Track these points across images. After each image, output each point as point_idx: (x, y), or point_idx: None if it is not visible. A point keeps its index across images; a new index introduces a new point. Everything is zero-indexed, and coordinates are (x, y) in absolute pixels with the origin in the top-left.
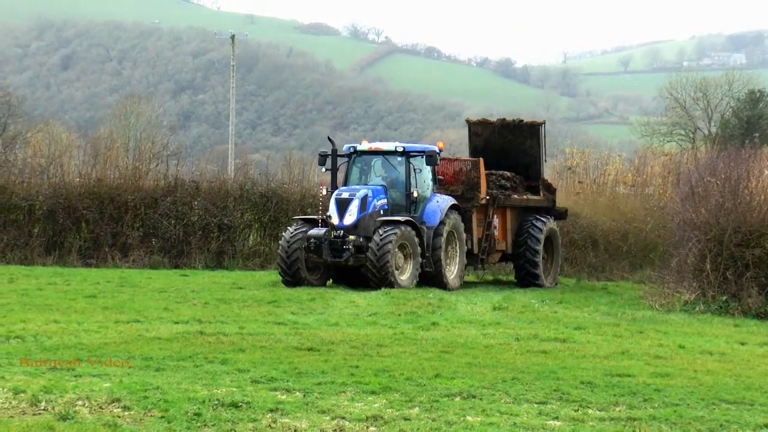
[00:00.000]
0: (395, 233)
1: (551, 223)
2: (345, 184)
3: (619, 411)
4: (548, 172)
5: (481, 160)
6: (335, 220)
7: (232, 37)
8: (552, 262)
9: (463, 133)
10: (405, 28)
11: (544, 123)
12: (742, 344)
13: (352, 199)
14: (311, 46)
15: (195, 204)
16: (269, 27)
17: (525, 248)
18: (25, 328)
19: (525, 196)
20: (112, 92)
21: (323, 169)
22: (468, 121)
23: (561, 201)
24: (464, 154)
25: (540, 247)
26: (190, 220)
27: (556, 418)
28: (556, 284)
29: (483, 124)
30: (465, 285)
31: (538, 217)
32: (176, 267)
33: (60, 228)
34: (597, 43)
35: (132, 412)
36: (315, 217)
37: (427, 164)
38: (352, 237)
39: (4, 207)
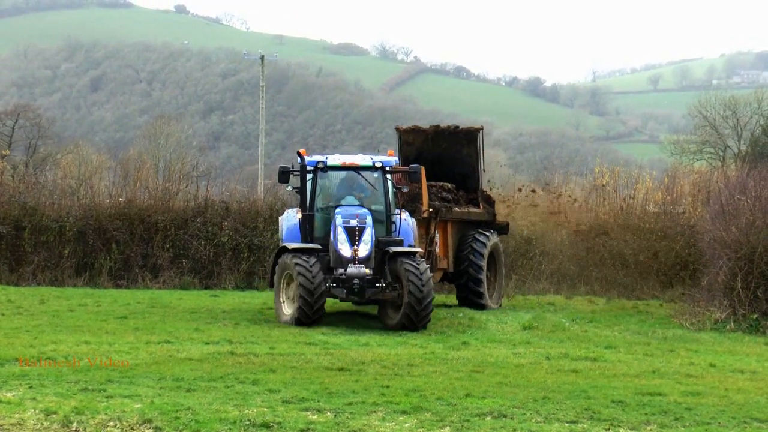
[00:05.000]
0: (429, 268)
1: (495, 238)
2: (311, 202)
3: (651, 430)
4: (578, 192)
5: (423, 168)
6: (347, 252)
7: (262, 57)
8: (495, 281)
9: (493, 153)
10: (434, 48)
11: (482, 129)
12: None
13: (364, 227)
14: (340, 66)
15: (225, 225)
16: (298, 47)
17: (468, 265)
18: (56, 349)
19: (467, 209)
20: (142, 113)
21: (289, 188)
22: (398, 129)
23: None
24: (495, 172)
25: (484, 264)
26: (221, 240)
27: None
28: (500, 305)
29: (415, 131)
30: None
31: (480, 231)
32: (207, 288)
33: (90, 249)
34: (626, 61)
35: None
36: (313, 246)
37: (411, 180)
38: (367, 270)
39: (35, 228)
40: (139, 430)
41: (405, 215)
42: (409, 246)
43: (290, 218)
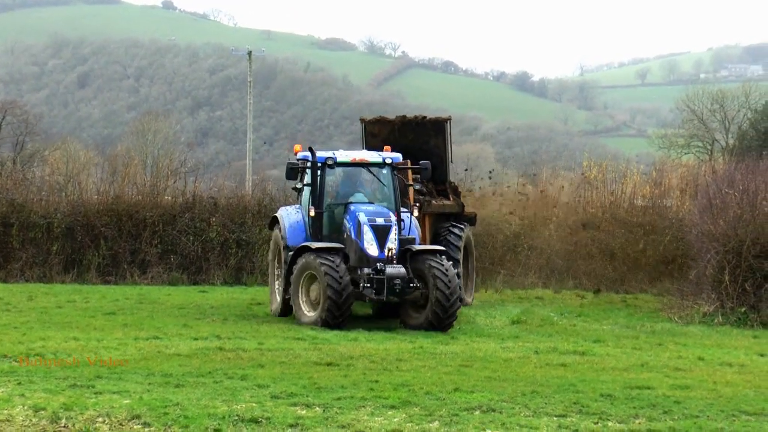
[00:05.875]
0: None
1: (468, 231)
2: (319, 198)
3: (639, 423)
4: (567, 186)
5: (409, 162)
6: (374, 251)
7: (249, 53)
8: (468, 275)
9: (481, 148)
10: (421, 43)
11: (450, 119)
12: (762, 356)
13: (390, 225)
14: (328, 61)
15: (213, 220)
16: (286, 43)
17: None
18: (44, 345)
19: (442, 202)
20: (130, 109)
21: (299, 184)
22: (362, 120)
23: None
24: (483, 167)
25: (460, 257)
26: (209, 236)
27: (576, 431)
28: (473, 300)
29: (381, 122)
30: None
31: (454, 224)
32: (195, 283)
33: (78, 245)
34: (614, 55)
35: (152, 429)
36: (336, 245)
37: (421, 178)
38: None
39: (23, 225)
40: (127, 426)
41: (416, 213)
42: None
43: (290, 215)
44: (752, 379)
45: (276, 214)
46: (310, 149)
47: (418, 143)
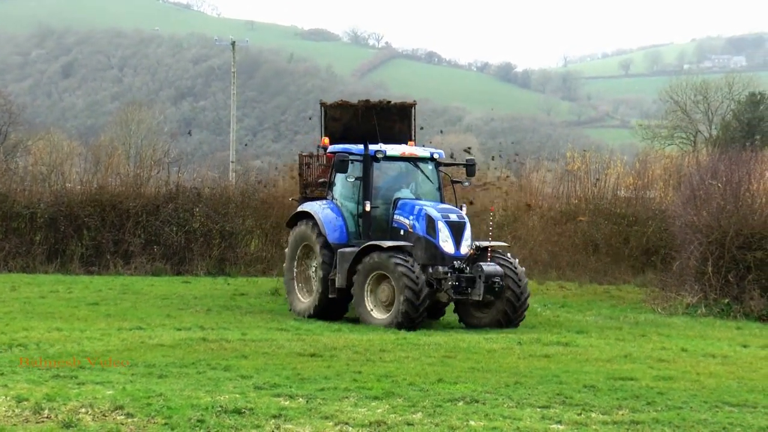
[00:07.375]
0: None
1: None
2: (367, 193)
3: (622, 414)
4: (549, 176)
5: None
6: (450, 248)
7: (233, 43)
8: None
9: (464, 138)
10: (405, 33)
11: (415, 104)
12: (745, 347)
13: (464, 222)
14: (312, 51)
15: (196, 211)
16: (270, 33)
17: None
18: (27, 336)
19: None
20: (113, 100)
21: (351, 179)
22: (323, 104)
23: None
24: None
25: None
26: (192, 226)
27: (559, 422)
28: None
29: (342, 106)
30: None
31: None
32: (178, 274)
33: (62, 236)
34: (597, 46)
35: (135, 420)
36: (405, 243)
37: (467, 174)
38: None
39: (6, 215)
40: (111, 417)
41: (464, 210)
42: None
43: (324, 211)
44: (735, 371)
45: (305, 210)
46: (364, 142)
47: (382, 128)
